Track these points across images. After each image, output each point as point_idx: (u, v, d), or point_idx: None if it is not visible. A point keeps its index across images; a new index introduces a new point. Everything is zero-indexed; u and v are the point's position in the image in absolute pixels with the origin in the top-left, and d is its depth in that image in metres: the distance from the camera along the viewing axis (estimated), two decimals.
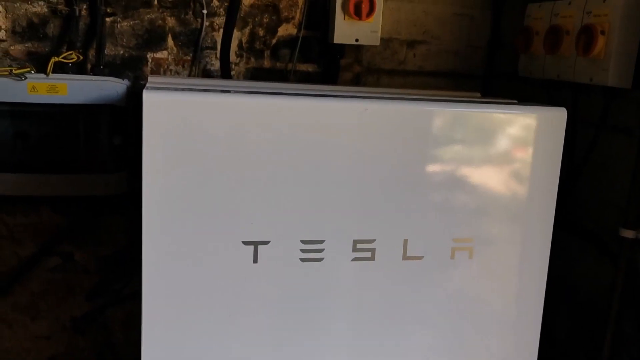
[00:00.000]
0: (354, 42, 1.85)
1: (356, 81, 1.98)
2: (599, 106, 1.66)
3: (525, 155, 1.44)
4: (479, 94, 1.83)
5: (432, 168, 1.40)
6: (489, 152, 1.43)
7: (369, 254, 1.38)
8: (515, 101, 1.63)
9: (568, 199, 1.76)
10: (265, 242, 1.32)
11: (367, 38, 1.85)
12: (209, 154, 1.26)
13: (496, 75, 2.05)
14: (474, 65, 2.05)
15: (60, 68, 1.69)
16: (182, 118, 1.24)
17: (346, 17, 1.81)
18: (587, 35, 1.53)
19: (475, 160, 1.42)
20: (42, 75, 1.63)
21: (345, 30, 1.83)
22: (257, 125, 1.28)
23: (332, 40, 1.84)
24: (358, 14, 1.79)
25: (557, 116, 1.42)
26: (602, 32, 1.50)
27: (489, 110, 1.42)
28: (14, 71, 1.59)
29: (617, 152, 1.66)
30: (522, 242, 1.49)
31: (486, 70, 2.04)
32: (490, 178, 1.44)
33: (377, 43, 1.87)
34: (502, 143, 1.43)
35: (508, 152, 1.44)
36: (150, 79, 1.60)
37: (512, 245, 1.48)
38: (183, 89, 1.33)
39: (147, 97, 1.22)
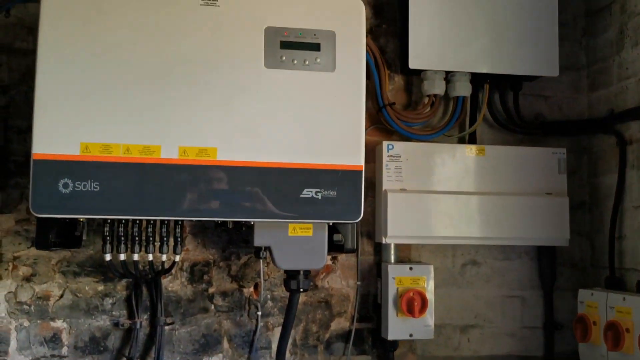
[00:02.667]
0: (408, 338, 1.85)
1: None
2: None
3: None
4: None
5: None
6: None
7: None
8: None
9: None
10: None
11: (421, 332, 1.85)
12: None
13: (556, 356, 1.99)
14: (532, 347, 2.00)
15: None
16: None
17: (399, 314, 1.83)
18: None
19: None
20: None
21: (399, 326, 1.84)
22: None
23: (387, 336, 1.84)
24: (411, 311, 1.81)
25: None
26: None
27: None
28: None
29: None
30: None
31: (545, 352, 1.99)
32: None
33: (432, 337, 1.86)
34: None
35: None
36: None
37: None
38: None
39: None
